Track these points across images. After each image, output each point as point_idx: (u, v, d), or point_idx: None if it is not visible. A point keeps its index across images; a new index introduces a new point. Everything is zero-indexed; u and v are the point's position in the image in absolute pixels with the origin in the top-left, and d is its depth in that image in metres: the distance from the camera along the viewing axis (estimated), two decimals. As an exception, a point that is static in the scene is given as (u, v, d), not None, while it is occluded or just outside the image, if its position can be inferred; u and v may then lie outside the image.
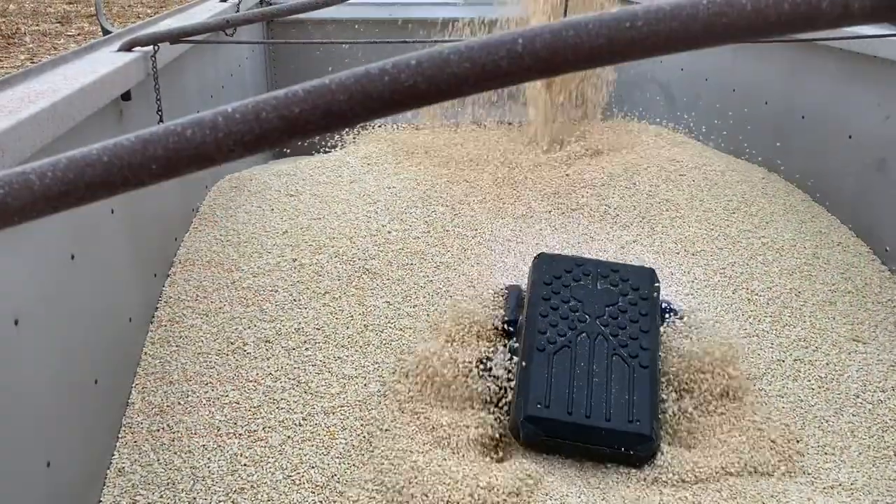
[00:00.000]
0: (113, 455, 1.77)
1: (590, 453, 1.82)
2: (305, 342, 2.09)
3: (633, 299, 2.05)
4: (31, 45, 9.79)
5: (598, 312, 2.01)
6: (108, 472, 1.73)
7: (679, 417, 1.94)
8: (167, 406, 1.89)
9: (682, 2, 0.55)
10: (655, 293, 2.08)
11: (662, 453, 1.81)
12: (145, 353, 2.04)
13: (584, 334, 1.96)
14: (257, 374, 1.99)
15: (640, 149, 3.27)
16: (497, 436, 1.90)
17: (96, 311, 1.78)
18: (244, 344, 2.08)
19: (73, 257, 1.64)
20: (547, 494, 1.67)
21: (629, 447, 1.78)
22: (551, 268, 2.12)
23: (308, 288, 2.28)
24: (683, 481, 1.76)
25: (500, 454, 1.87)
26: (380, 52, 3.36)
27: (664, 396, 1.94)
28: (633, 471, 1.79)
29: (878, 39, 2.53)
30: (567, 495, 1.67)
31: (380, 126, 3.83)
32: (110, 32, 2.43)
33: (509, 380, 1.95)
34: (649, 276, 2.13)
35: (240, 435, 1.82)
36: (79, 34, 11.07)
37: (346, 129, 3.61)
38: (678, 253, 2.58)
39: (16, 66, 8.08)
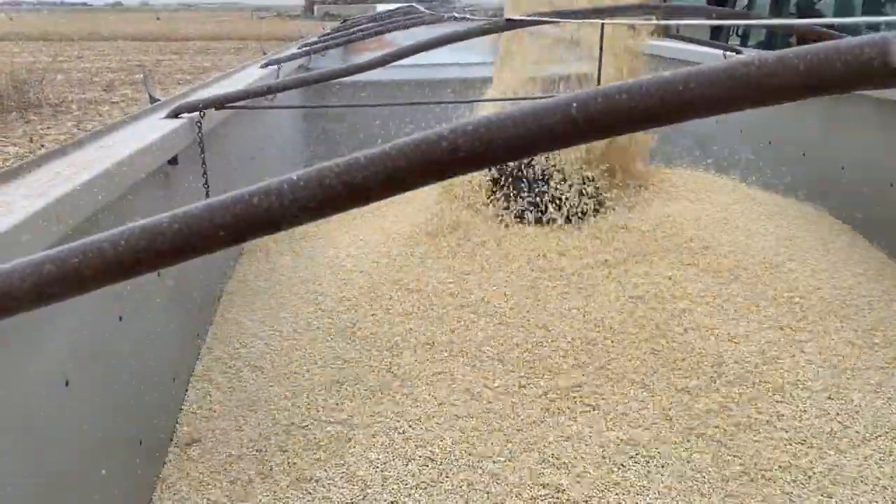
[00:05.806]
0: None
1: None
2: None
3: None
4: (77, 113, 10.18)
5: None
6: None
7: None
8: (203, 465, 1.89)
9: (734, 63, 0.56)
10: None
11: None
12: (184, 411, 2.05)
13: None
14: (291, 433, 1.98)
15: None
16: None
17: (142, 371, 1.80)
18: (274, 420, 2.08)
19: (120, 319, 1.68)
20: None
21: None
22: None
23: (332, 352, 2.28)
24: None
25: None
26: (415, 113, 3.42)
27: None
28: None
29: (916, 88, 2.52)
30: None
31: None
32: (158, 100, 2.52)
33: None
34: None
35: (278, 498, 1.80)
36: (122, 101, 11.49)
37: None
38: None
39: (63, 132, 8.38)
